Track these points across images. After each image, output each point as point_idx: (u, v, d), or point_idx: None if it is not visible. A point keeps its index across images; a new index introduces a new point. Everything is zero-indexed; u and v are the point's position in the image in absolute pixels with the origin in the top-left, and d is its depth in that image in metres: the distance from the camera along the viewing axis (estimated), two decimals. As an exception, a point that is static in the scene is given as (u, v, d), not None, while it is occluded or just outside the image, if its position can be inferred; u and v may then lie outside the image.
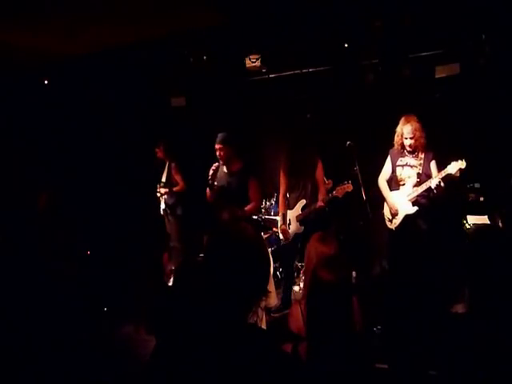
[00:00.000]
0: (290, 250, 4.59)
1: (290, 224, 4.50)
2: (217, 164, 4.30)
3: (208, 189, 4.31)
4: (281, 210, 4.55)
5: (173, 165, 5.66)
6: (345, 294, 2.12)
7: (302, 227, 4.41)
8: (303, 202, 4.42)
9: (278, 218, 5.54)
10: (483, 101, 4.91)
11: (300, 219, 4.42)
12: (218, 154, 4.22)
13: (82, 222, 5.59)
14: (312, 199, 4.35)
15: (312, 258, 2.38)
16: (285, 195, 4.54)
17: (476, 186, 4.91)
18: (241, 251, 1.29)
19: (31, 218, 5.04)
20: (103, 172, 6.52)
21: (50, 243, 4.80)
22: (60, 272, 3.98)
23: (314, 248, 2.37)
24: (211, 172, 4.28)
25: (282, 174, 4.51)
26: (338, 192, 4.18)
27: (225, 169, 4.33)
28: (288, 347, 1.99)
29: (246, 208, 4.16)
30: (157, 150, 5.73)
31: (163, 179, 5.67)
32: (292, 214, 4.49)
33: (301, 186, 4.40)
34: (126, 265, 2.48)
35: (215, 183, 4.29)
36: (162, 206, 5.65)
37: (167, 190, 5.56)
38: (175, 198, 5.63)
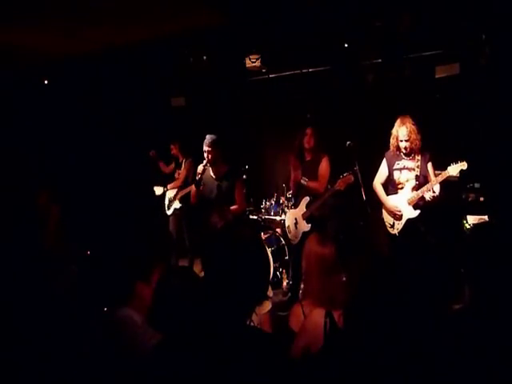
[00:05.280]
0: (299, 251, 4.57)
1: (296, 223, 4.51)
2: (203, 168, 4.27)
3: (194, 187, 4.29)
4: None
5: (189, 160, 5.60)
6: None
7: (309, 225, 4.39)
8: (307, 199, 4.43)
9: (278, 218, 5.55)
10: (483, 101, 4.91)
11: (306, 217, 4.42)
12: (205, 155, 4.20)
13: (82, 220, 5.59)
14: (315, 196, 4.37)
15: (311, 261, 2.33)
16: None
17: (476, 186, 4.90)
18: (241, 257, 1.29)
19: (31, 216, 5.04)
20: (103, 171, 6.52)
21: (50, 243, 4.82)
22: (60, 271, 3.99)
23: (314, 252, 2.32)
24: (199, 171, 4.26)
25: (291, 167, 4.64)
26: (340, 185, 4.15)
27: (211, 172, 4.31)
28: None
29: (231, 208, 4.13)
30: (172, 146, 5.74)
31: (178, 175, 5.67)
32: (298, 213, 4.50)
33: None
34: (127, 263, 2.48)
35: (202, 184, 4.29)
36: (177, 205, 5.55)
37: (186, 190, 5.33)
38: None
